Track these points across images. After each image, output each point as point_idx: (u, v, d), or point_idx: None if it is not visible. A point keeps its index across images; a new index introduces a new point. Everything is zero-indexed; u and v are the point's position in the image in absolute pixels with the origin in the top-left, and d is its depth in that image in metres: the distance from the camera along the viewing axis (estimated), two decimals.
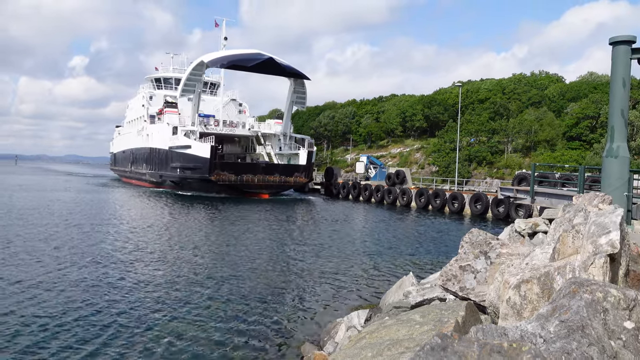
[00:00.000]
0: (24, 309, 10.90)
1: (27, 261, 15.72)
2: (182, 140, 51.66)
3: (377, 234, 26.04)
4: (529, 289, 4.34)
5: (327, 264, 17.39)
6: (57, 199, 39.89)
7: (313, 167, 55.99)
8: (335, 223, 30.06)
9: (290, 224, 28.63)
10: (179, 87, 54.05)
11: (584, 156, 49.67)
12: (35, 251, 17.39)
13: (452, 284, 6.24)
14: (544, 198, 17.65)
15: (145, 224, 26.00)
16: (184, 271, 15.35)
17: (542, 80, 79.92)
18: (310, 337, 9.85)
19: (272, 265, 16.88)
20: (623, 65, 11.00)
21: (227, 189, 48.94)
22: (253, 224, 28.15)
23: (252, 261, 17.37)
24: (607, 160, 11.18)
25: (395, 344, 4.64)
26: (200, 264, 16.56)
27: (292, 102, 55.74)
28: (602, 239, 4.35)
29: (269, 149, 58.16)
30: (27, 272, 14.21)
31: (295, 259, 18.19)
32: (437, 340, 2.62)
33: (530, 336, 3.02)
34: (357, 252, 20.13)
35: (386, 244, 22.56)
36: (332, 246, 21.35)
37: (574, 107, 59.96)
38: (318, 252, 19.80)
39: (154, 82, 71.26)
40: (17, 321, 10.11)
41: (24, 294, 12.03)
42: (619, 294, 3.28)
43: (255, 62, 50.06)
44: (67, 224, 25.11)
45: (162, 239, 21.47)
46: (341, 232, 25.87)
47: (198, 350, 8.99)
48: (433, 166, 62.25)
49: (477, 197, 37.70)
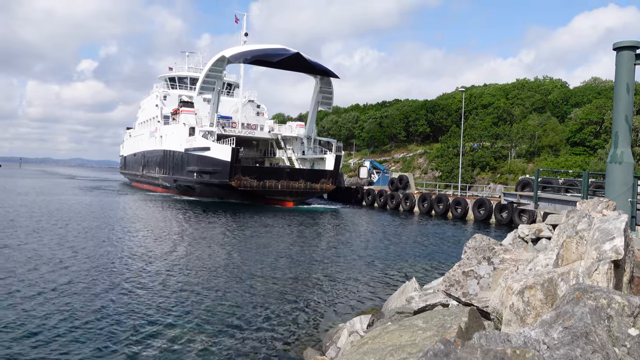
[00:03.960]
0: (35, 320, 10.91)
1: (39, 272, 15.74)
2: (200, 141, 48.03)
3: (380, 238, 25.99)
4: (532, 295, 4.32)
5: (330, 268, 17.36)
6: (61, 208, 39.86)
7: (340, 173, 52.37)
8: (337, 227, 30.02)
9: (305, 230, 28.60)
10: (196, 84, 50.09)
11: (587, 162, 49.49)
12: (51, 262, 17.42)
13: (455, 289, 6.22)
14: (548, 203, 17.61)
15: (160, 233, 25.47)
16: (192, 275, 15.35)
17: (546, 86, 79.86)
18: (312, 341, 9.82)
19: (272, 270, 16.86)
20: (627, 70, 10.99)
21: (248, 196, 45.70)
22: (271, 232, 28.12)
23: (254, 265, 17.35)
24: (611, 166, 11.15)
25: (397, 350, 4.62)
26: (205, 268, 16.56)
27: (318, 102, 51.84)
28: (606, 245, 4.33)
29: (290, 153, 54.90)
30: (42, 285, 14.23)
31: (296, 263, 18.16)
32: (440, 346, 2.61)
33: (533, 343, 3.00)
34: (360, 256, 20.08)
35: (389, 249, 22.51)
36: (335, 251, 21.31)
37: (577, 113, 59.82)
38: (320, 256, 19.76)
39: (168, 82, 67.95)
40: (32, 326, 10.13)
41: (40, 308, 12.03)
42: (623, 301, 3.26)
43: (282, 58, 45.62)
44: (75, 231, 25.16)
45: (177, 247, 21.49)
46: (344, 237, 25.83)
47: (201, 353, 8.97)
48: (436, 171, 62.14)
49: (480, 202, 37.61)
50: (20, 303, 11.61)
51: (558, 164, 49.97)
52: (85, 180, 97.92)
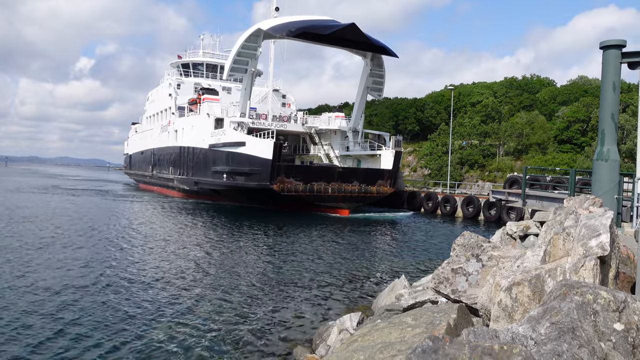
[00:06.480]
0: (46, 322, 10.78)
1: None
2: (230, 135, 39.61)
3: (369, 236, 26.05)
4: (520, 291, 4.36)
5: (318, 267, 17.37)
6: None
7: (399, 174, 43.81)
8: (325, 226, 30.03)
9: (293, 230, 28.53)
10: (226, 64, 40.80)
11: (575, 159, 50.05)
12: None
13: (444, 286, 6.25)
14: (535, 201, 17.76)
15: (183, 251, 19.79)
16: (188, 272, 15.28)
17: (534, 84, 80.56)
18: (302, 339, 9.83)
19: (260, 272, 16.85)
20: (613, 69, 11.11)
21: (290, 202, 37.42)
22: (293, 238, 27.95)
23: (241, 265, 17.32)
24: (598, 164, 11.28)
25: (387, 347, 4.64)
26: (198, 265, 16.49)
27: (367, 88, 43.60)
28: (592, 241, 4.38)
29: (327, 148, 46.53)
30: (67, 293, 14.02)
31: (284, 262, 18.15)
32: (428, 342, 2.62)
33: (521, 338, 3.03)
34: (350, 254, 20.11)
35: (378, 247, 22.58)
36: (323, 249, 21.32)
37: (565, 111, 60.46)
38: (307, 255, 19.76)
39: (181, 68, 57.92)
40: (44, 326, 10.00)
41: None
42: (609, 296, 3.30)
43: (335, 29, 37.70)
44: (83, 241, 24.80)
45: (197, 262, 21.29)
46: (332, 234, 25.85)
47: (191, 352, 8.94)
48: (425, 169, 62.45)
49: (469, 200, 37.89)
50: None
51: (546, 161, 50.45)
52: (72, 181, 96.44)
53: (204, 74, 57.07)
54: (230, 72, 39.83)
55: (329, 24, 39.02)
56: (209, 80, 55.89)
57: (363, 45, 40.36)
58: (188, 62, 57.81)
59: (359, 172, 40.02)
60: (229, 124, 40.57)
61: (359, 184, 38.28)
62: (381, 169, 40.38)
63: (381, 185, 39.22)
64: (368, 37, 39.43)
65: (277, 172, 35.66)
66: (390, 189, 39.65)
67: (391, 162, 40.12)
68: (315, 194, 36.60)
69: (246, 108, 41.46)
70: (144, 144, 66.05)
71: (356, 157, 44.85)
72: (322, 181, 37.22)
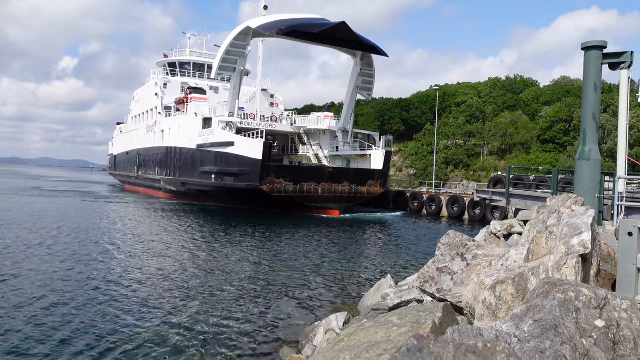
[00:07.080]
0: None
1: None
2: (219, 135, 39.20)
3: (354, 235, 26.10)
4: (504, 289, 4.40)
5: (304, 267, 17.36)
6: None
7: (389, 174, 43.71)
8: (314, 227, 30.03)
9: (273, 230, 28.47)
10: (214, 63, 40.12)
11: (557, 159, 50.74)
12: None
13: (430, 285, 6.30)
14: (519, 200, 17.95)
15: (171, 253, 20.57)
16: (174, 274, 15.16)
17: (518, 84, 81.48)
18: (288, 340, 9.81)
19: (248, 273, 16.79)
20: (595, 70, 11.29)
21: (280, 203, 37.07)
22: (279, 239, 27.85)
23: (228, 266, 17.25)
24: (580, 163, 11.45)
25: (373, 347, 4.65)
26: (185, 267, 16.38)
27: (357, 87, 43.51)
28: (574, 239, 4.44)
29: (317, 149, 46.64)
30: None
31: (271, 263, 18.11)
32: (413, 341, 2.64)
33: (505, 336, 3.06)
34: (337, 255, 20.14)
35: (365, 247, 22.64)
36: (308, 249, 21.32)
37: (547, 111, 61.26)
38: (295, 256, 19.75)
39: (168, 68, 57.37)
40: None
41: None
42: (590, 293, 3.35)
43: (325, 28, 37.54)
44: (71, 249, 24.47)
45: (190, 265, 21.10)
46: (320, 235, 25.86)
47: (176, 353, 8.87)
48: (411, 169, 62.79)
49: (454, 199, 38.19)
50: None
51: (529, 161, 51.07)
52: (55, 182, 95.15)
53: (191, 73, 56.62)
54: (218, 71, 39.38)
55: (319, 23, 38.87)
56: (196, 79, 55.38)
57: (353, 44, 40.23)
58: (175, 61, 57.22)
59: (350, 173, 39.71)
60: (217, 124, 40.14)
61: (349, 185, 38.11)
62: (371, 169, 40.20)
63: (372, 186, 39.01)
64: (358, 36, 39.35)
65: (267, 173, 35.35)
66: (380, 189, 39.46)
67: (381, 162, 39.91)
68: (305, 195, 36.32)
69: (235, 108, 41.07)
70: (129, 144, 64.97)
71: (346, 157, 44.80)
72: (312, 182, 36.94)
